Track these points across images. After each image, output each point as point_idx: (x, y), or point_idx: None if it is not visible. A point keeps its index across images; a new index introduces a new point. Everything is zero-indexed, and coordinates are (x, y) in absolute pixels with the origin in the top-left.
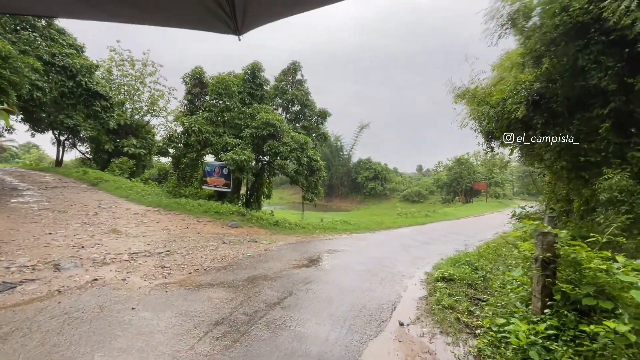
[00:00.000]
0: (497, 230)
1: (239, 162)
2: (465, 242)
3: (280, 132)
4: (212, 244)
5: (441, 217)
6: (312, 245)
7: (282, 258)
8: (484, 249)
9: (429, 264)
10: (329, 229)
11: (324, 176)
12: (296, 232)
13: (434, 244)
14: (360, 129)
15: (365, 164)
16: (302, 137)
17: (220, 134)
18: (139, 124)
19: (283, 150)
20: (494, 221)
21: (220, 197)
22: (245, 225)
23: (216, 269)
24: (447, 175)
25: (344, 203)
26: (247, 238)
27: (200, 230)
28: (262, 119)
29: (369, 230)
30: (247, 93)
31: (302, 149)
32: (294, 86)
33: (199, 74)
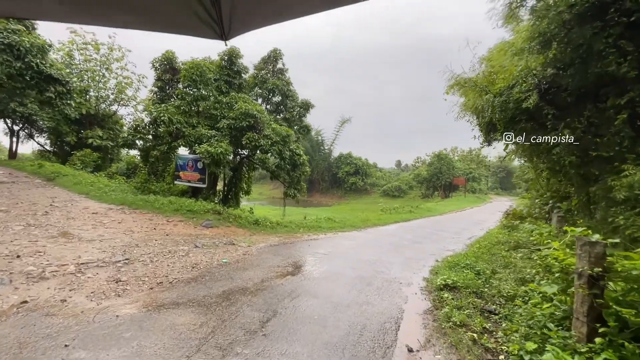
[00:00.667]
0: (482, 227)
1: (214, 156)
2: (454, 240)
3: (260, 124)
4: (182, 249)
5: (425, 212)
6: (296, 247)
7: (263, 264)
8: (477, 248)
9: (425, 267)
10: (314, 228)
11: (307, 171)
12: (278, 231)
13: (424, 242)
14: (341, 124)
15: (346, 159)
16: (284, 130)
17: (194, 124)
18: (105, 114)
19: (263, 143)
20: (477, 216)
21: (195, 194)
22: (222, 225)
23: (185, 281)
24: (427, 170)
25: (324, 198)
26: (224, 240)
27: (170, 231)
28: (241, 109)
29: (355, 229)
30: (223, 81)
31: (284, 142)
32: (275, 75)
33: (170, 59)
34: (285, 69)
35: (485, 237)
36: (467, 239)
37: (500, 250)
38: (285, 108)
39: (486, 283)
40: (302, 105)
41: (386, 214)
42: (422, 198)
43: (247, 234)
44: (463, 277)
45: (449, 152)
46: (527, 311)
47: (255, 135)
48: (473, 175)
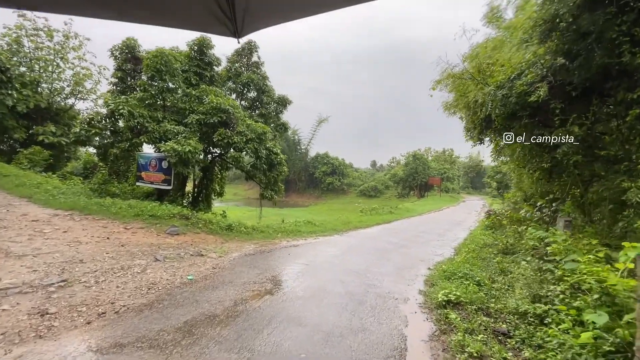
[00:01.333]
0: (463, 227)
1: (181, 154)
2: (440, 243)
3: (233, 120)
4: (139, 263)
5: (404, 213)
6: (274, 256)
7: (236, 280)
8: (467, 252)
9: (418, 277)
10: (293, 232)
11: (284, 171)
12: (254, 237)
13: (410, 246)
14: (318, 123)
15: (323, 159)
16: (260, 127)
17: (159, 119)
18: (60, 108)
19: (237, 140)
20: (455, 216)
21: (161, 196)
22: (190, 232)
23: (136, 309)
24: (404, 170)
25: (301, 198)
26: (191, 250)
27: (126, 241)
28: (212, 103)
29: (336, 232)
30: (193, 72)
31: (260, 139)
32: (250, 69)
33: (132, 47)
34: (261, 62)
35: (470, 238)
36: (452, 240)
37: (489, 253)
38: (261, 104)
39: (490, 296)
40: (279, 102)
41: (366, 215)
42: (398, 198)
43: (218, 241)
44: (465, 291)
45: (423, 152)
46: (555, 338)
47: (227, 132)
48: (447, 175)
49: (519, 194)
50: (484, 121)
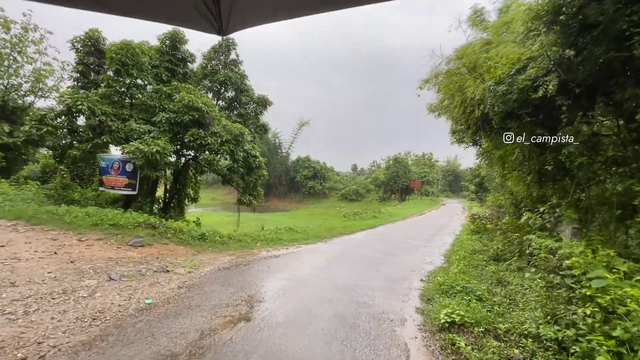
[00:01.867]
0: (448, 231)
1: (148, 155)
2: (428, 249)
3: (208, 119)
4: (88, 284)
5: (388, 217)
6: (252, 270)
7: (206, 303)
8: (457, 260)
9: (412, 291)
10: (273, 241)
11: (264, 175)
12: (230, 248)
13: (399, 254)
14: (299, 126)
15: (304, 162)
16: (237, 127)
17: (125, 117)
18: (16, 107)
19: (211, 141)
20: (438, 220)
21: (129, 203)
22: (157, 243)
23: (70, 350)
24: (385, 174)
25: (282, 203)
26: (155, 264)
27: (78, 256)
28: (183, 100)
29: (320, 239)
30: (164, 68)
31: (237, 141)
32: (227, 67)
33: (95, 39)
34: (239, 61)
35: (457, 244)
36: (440, 246)
37: (480, 260)
38: (239, 104)
39: (494, 313)
40: (258, 102)
41: (350, 220)
42: (380, 201)
43: (189, 253)
44: (467, 309)
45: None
46: None
47: (201, 132)
48: (427, 178)
49: (502, 198)
50: (479, 120)
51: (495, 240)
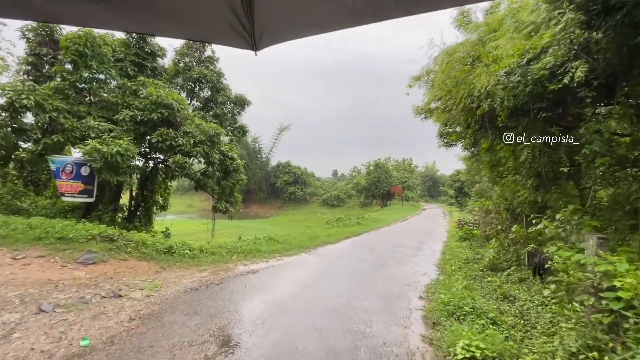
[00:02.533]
0: (435, 238)
1: (107, 157)
2: (419, 258)
3: (179, 118)
4: (6, 320)
5: (372, 224)
6: (225, 291)
7: (161, 342)
8: (452, 271)
9: (413, 313)
10: (251, 253)
11: (242, 179)
12: (201, 262)
13: (390, 265)
14: (280, 131)
15: (285, 168)
16: (212, 127)
17: (83, 114)
18: None
19: (182, 142)
20: (423, 226)
21: (89, 212)
22: (114, 258)
23: None
24: (367, 179)
25: (262, 209)
26: (106, 287)
27: (7, 279)
28: (151, 96)
29: (303, 250)
30: (130, 62)
31: (213, 142)
32: (203, 64)
33: (50, 28)
34: (215, 58)
35: (448, 252)
36: (430, 254)
37: (476, 270)
38: (215, 104)
39: (514, 340)
40: (236, 101)
41: (333, 227)
42: (361, 207)
43: (152, 270)
44: (484, 338)
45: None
46: None
47: (170, 131)
48: (408, 184)
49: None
50: (483, 118)
51: (488, 248)
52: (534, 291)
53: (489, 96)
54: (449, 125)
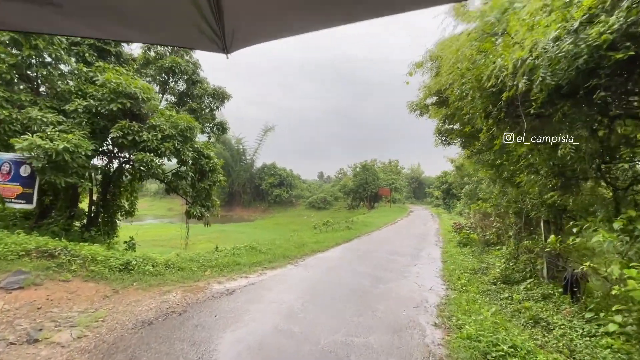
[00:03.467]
0: (430, 241)
1: (52, 154)
2: (420, 269)
3: (145, 109)
4: None
5: (362, 227)
6: (188, 325)
7: None
8: (462, 285)
9: (430, 348)
10: (229, 266)
11: (220, 181)
12: (166, 281)
13: (390, 279)
14: (264, 132)
15: (270, 170)
16: (185, 119)
17: (25, 104)
18: None
19: (148, 138)
20: (415, 229)
21: (42, 219)
22: (52, 279)
23: None
24: (354, 181)
25: (246, 212)
26: (23, 324)
27: None
28: (109, 82)
29: (289, 260)
30: (89, 46)
31: (185, 137)
32: (177, 53)
33: None
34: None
35: (449, 259)
36: (430, 263)
37: (487, 283)
38: (191, 98)
39: None
40: (214, 95)
41: (321, 232)
42: (349, 209)
43: (99, 295)
44: None
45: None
46: None
47: (134, 125)
48: (395, 185)
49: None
50: (511, 103)
51: (491, 255)
52: (568, 314)
53: (524, 74)
54: (449, 121)
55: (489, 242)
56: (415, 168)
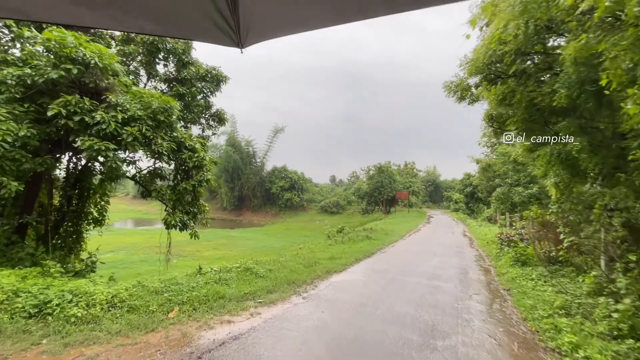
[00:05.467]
0: (468, 255)
1: None
2: (482, 309)
3: (101, 81)
4: None
5: (383, 237)
6: None
7: None
8: (575, 346)
9: None
10: (206, 302)
11: (208, 180)
12: (97, 335)
13: (447, 328)
14: (274, 133)
15: (281, 173)
16: (158, 98)
17: None
18: None
19: (103, 119)
20: (443, 238)
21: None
22: None
23: None
24: (369, 184)
25: (256, 217)
26: None
27: None
28: (48, 43)
29: (295, 288)
30: None
31: (158, 121)
32: None
33: None
34: None
35: (514, 287)
36: (489, 293)
37: (604, 339)
38: (181, 82)
39: None
40: (208, 77)
41: (336, 242)
42: (363, 214)
43: None
44: None
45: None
46: None
47: (83, 101)
48: (412, 188)
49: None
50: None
51: (570, 280)
52: None
53: None
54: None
55: (553, 260)
56: (431, 171)
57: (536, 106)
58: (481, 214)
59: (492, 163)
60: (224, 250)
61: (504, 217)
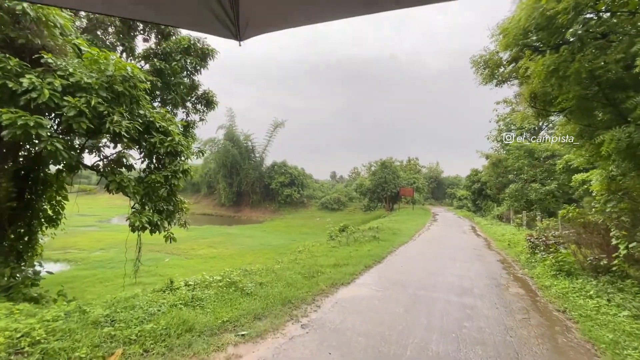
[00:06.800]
0: (489, 259)
1: None
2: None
3: (37, 40)
4: None
5: (391, 237)
6: None
7: None
8: None
9: None
10: (164, 340)
11: (186, 171)
12: None
13: None
14: (274, 128)
15: (280, 168)
16: (117, 64)
17: None
18: None
19: (33, 83)
20: (454, 239)
21: None
22: None
23: None
24: (371, 180)
25: (255, 213)
26: None
27: None
28: None
29: (291, 312)
30: None
31: (117, 94)
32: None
33: None
34: None
35: (572, 308)
36: (539, 314)
37: None
38: (164, 56)
39: None
40: (193, 48)
41: (339, 244)
42: (365, 211)
43: None
44: None
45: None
46: None
47: (8, 59)
48: (417, 185)
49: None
50: None
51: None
52: None
53: None
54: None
55: (602, 269)
56: (434, 167)
57: (597, 79)
58: (490, 212)
59: (503, 158)
60: (220, 248)
61: (520, 215)
